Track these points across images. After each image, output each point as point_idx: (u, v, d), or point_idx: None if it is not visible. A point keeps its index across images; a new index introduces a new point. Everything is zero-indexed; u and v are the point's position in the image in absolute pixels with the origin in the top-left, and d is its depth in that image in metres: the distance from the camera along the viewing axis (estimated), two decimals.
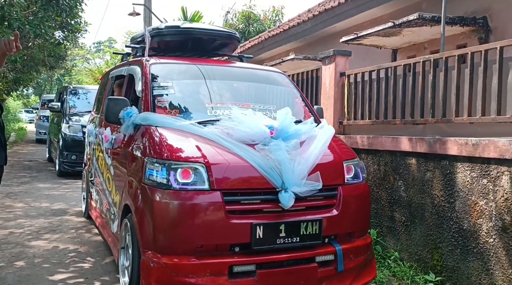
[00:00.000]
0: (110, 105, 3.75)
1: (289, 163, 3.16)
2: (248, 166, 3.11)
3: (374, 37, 6.60)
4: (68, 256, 4.44)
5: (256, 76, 4.46)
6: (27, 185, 8.47)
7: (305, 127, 3.57)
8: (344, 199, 3.38)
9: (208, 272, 2.93)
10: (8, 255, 4.39)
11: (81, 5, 11.23)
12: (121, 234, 3.61)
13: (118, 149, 4.05)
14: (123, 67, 4.81)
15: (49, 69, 16.71)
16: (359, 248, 3.48)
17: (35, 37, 10.46)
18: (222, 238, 2.99)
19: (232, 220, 2.99)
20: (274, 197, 3.10)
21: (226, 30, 5.04)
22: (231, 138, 3.25)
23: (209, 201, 2.97)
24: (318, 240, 3.23)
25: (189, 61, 4.44)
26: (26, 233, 5.21)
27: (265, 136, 3.30)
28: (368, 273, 3.55)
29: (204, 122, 3.48)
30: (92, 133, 5.56)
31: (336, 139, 3.86)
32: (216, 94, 3.90)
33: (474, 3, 5.93)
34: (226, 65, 4.60)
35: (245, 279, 3.01)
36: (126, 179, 3.60)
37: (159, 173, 3.05)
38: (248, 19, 18.46)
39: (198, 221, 2.94)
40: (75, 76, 36.42)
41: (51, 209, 6.55)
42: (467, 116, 4.10)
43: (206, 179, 3.01)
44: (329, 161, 3.49)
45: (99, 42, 49.97)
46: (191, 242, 2.94)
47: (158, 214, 2.98)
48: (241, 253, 3.04)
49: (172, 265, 2.92)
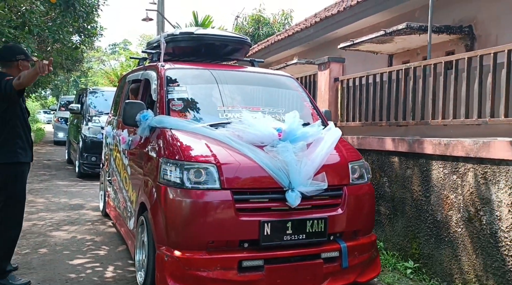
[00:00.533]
0: (127, 109, 3.96)
1: (296, 164, 3.32)
2: (256, 166, 3.28)
3: (369, 43, 7.01)
4: (85, 244, 4.88)
5: (266, 80, 4.63)
6: (47, 182, 8.97)
7: (312, 130, 3.74)
8: (349, 199, 3.53)
9: (218, 266, 3.12)
10: (32, 243, 4.82)
11: (97, 11, 11.78)
12: (137, 230, 3.81)
13: (134, 150, 4.26)
14: (140, 71, 5.02)
15: (67, 72, 17.44)
16: (364, 246, 3.62)
17: (54, 42, 10.93)
18: (232, 234, 3.17)
19: (241, 217, 3.17)
20: (281, 196, 3.28)
21: (238, 35, 5.22)
22: (241, 140, 3.43)
23: (219, 200, 3.16)
24: (324, 238, 3.39)
25: (202, 66, 4.63)
26: (48, 224, 5.68)
27: (273, 138, 3.47)
28: (372, 269, 3.70)
29: (216, 124, 3.67)
30: (109, 134, 5.78)
31: (342, 141, 4.01)
32: (228, 97, 4.08)
33: (461, 13, 6.31)
34: (237, 69, 4.78)
35: (254, 273, 3.18)
36: (142, 178, 3.81)
37: (173, 173, 3.24)
38: (258, 23, 18.78)
39: (209, 218, 3.13)
40: (91, 78, 37.10)
41: (70, 204, 6.99)
42: (441, 119, 4.57)
43: (217, 178, 3.19)
44: (334, 162, 3.64)
45: (114, 44, 51.17)
46: (202, 237, 3.13)
47: (171, 211, 3.18)
48: (250, 249, 3.22)
49: (185, 259, 3.11)
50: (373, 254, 3.75)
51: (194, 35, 4.84)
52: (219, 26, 16.79)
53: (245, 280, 3.15)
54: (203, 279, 3.09)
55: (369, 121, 5.67)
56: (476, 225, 3.74)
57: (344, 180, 3.60)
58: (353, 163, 3.72)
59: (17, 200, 3.73)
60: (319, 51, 9.74)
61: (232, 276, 3.13)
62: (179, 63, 4.59)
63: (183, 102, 3.94)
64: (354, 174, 3.68)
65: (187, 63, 4.70)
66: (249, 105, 4.09)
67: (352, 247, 3.51)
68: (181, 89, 4.03)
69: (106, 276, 3.97)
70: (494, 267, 3.60)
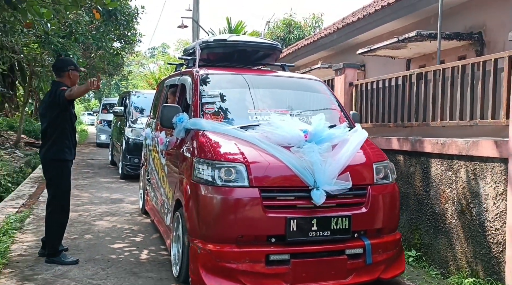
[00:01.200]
0: (164, 112, 4.26)
1: (321, 164, 3.50)
2: (283, 166, 3.49)
3: (385, 49, 7.46)
4: (124, 232, 5.50)
5: (295, 84, 4.82)
6: (90, 179, 9.67)
7: (338, 131, 3.90)
8: (373, 198, 3.67)
9: (247, 259, 3.34)
10: (79, 230, 5.48)
11: (136, 19, 12.60)
12: (173, 226, 4.09)
13: (171, 150, 4.55)
14: (176, 76, 5.32)
15: (108, 76, 18.67)
16: (388, 244, 3.75)
17: (97, 49, 11.95)
18: (259, 229, 3.39)
19: (268, 214, 3.38)
20: (307, 195, 3.46)
21: (268, 41, 5.43)
22: (269, 141, 3.64)
23: (248, 197, 3.38)
24: (348, 235, 3.55)
25: (234, 71, 4.87)
26: (92, 215, 6.32)
27: (300, 140, 3.66)
28: (396, 267, 3.81)
29: (246, 126, 3.90)
30: (148, 136, 6.13)
31: (368, 142, 4.15)
32: (258, 101, 4.30)
33: (472, 20, 6.64)
34: (268, 74, 5.00)
35: (280, 267, 3.38)
36: (178, 177, 4.09)
37: (205, 171, 3.49)
38: (289, 27, 19.30)
39: (238, 214, 3.35)
40: (132, 81, 38.45)
41: (111, 198, 7.61)
42: (440, 121, 4.99)
43: (246, 177, 3.42)
44: (359, 163, 3.79)
45: (154, 48, 53.07)
46: (232, 232, 3.36)
47: (204, 207, 3.43)
48: (277, 244, 3.42)
49: (216, 252, 3.35)
50: (398, 252, 3.86)
51: (227, 41, 5.08)
52: (252, 31, 17.15)
53: (272, 272, 3.36)
54: (233, 271, 3.32)
55: (379, 123, 6.13)
56: (467, 217, 4.18)
57: (368, 180, 3.73)
58: (378, 164, 3.85)
59: (63, 191, 4.36)
60: (343, 55, 10.13)
61: (260, 268, 3.34)
62: (213, 68, 4.85)
63: (215, 105, 4.19)
64: (379, 174, 3.81)
65: (220, 69, 4.96)
66: (278, 108, 4.29)
67: (376, 244, 3.64)
68: (214, 93, 4.28)
69: (141, 258, 4.53)
70: (481, 253, 4.02)
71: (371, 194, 3.68)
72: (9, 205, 6.53)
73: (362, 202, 3.66)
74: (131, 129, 9.64)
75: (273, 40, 5.64)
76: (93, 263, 4.28)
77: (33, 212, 6.23)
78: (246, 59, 5.40)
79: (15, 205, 6.59)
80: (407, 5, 7.38)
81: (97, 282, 3.83)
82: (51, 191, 4.34)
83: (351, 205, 3.65)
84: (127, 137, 9.62)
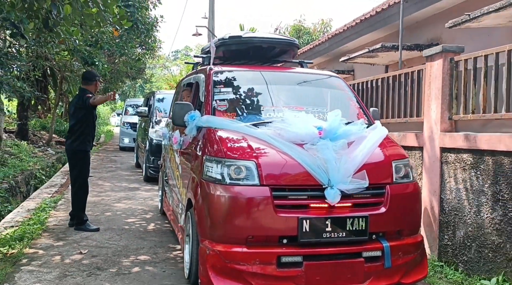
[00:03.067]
0: (176, 110, 4.18)
1: (336, 161, 3.33)
2: (296, 164, 3.33)
3: (362, 58, 8.56)
4: (137, 211, 6.79)
5: (312, 80, 4.66)
6: (112, 172, 11.02)
7: (354, 128, 3.72)
8: (392, 198, 3.46)
9: (258, 261, 3.19)
10: (101, 209, 6.77)
11: (156, 27, 13.85)
12: (186, 226, 3.99)
13: (185, 149, 4.46)
14: (192, 75, 5.25)
15: (132, 80, 20.45)
16: (409, 246, 3.53)
17: (120, 55, 12.92)
18: (270, 230, 3.23)
19: (280, 213, 3.22)
20: (320, 194, 3.29)
21: (284, 37, 5.29)
22: (281, 138, 3.49)
23: (258, 195, 3.24)
24: (365, 236, 3.35)
25: (248, 67, 4.75)
26: (112, 199, 7.62)
27: (313, 136, 3.50)
28: (418, 271, 3.59)
29: (258, 123, 3.76)
30: (166, 136, 6.09)
31: (388, 139, 3.95)
32: (272, 98, 4.17)
33: (431, 33, 7.83)
34: (283, 70, 4.85)
35: (293, 269, 3.22)
36: (190, 176, 3.99)
37: (215, 169, 3.38)
38: (299, 32, 20.24)
39: (248, 213, 3.22)
40: (155, 83, 39.45)
41: (128, 187, 8.99)
42: (385, 119, 5.89)
43: (257, 175, 3.28)
44: (377, 161, 3.59)
45: (177, 51, 55.04)
46: (242, 232, 3.23)
47: (213, 206, 3.31)
48: (289, 245, 3.25)
49: (225, 253, 3.22)
50: (419, 256, 3.63)
51: (243, 38, 4.97)
52: None
53: (284, 275, 3.20)
54: (243, 273, 3.18)
55: None
56: None
57: (386, 179, 3.53)
58: (397, 162, 3.64)
59: (84, 175, 5.59)
60: (337, 62, 10.87)
61: (271, 271, 3.19)
62: (227, 66, 4.75)
63: (228, 102, 4.08)
64: (398, 173, 3.61)
65: (235, 66, 4.85)
66: (293, 104, 4.15)
67: (396, 247, 3.43)
68: (227, 90, 4.18)
69: (148, 228, 5.82)
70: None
71: (390, 193, 3.47)
72: (44, 192, 8.08)
73: (380, 202, 3.46)
74: (155, 130, 9.43)
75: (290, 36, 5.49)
76: (110, 231, 5.55)
77: (64, 196, 7.53)
78: (262, 56, 5.28)
79: (49, 191, 8.08)
80: (379, 20, 8.65)
81: (112, 242, 5.06)
82: (74, 175, 5.56)
83: (368, 205, 3.46)
84: (150, 138, 9.42)
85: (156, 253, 4.72)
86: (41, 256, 4.48)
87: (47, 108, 20.32)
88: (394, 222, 3.49)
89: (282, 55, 5.30)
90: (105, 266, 4.26)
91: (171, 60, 48.23)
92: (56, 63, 13.20)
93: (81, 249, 4.70)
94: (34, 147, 13.53)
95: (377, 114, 4.53)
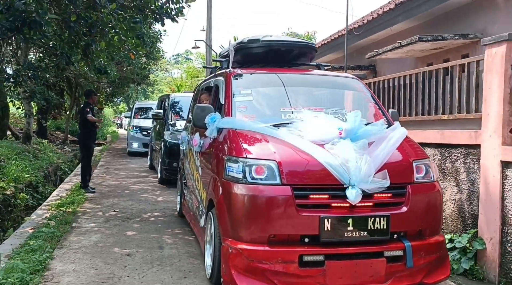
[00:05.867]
0: (197, 112, 4.25)
1: (357, 161, 3.34)
2: (316, 163, 3.36)
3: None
4: (148, 190, 8.99)
5: (330, 82, 4.69)
6: (125, 164, 13.33)
7: (374, 128, 3.73)
8: (413, 197, 3.47)
9: (280, 259, 3.22)
10: (121, 189, 9.05)
11: (159, 39, 16.13)
12: (207, 226, 4.04)
13: (205, 151, 4.52)
14: (211, 79, 5.33)
15: (137, 85, 23.10)
16: (431, 246, 3.52)
17: (128, 65, 15.21)
18: (292, 229, 3.26)
19: (301, 213, 3.25)
20: (342, 193, 3.31)
21: (302, 41, 5.34)
22: (301, 138, 3.52)
23: (280, 195, 3.27)
24: (386, 236, 3.36)
25: (266, 70, 4.80)
26: (128, 183, 9.91)
27: (334, 136, 3.52)
28: (441, 271, 3.57)
29: (278, 124, 3.80)
30: (185, 139, 6.16)
31: (408, 140, 3.95)
32: (291, 99, 4.20)
33: (368, 60, 10.20)
34: (301, 73, 4.89)
35: (315, 268, 3.24)
36: (211, 177, 4.04)
37: (237, 170, 3.42)
38: None
39: (269, 213, 3.25)
40: (157, 86, 40.51)
41: (140, 175, 11.19)
42: None
43: (278, 175, 3.31)
44: (397, 161, 3.60)
45: (178, 54, 57.26)
46: (264, 231, 3.26)
47: (235, 205, 3.35)
48: (311, 244, 3.28)
49: (248, 251, 3.25)
50: (442, 255, 3.62)
51: (261, 41, 5.03)
52: None
53: (306, 274, 3.22)
54: (265, 271, 3.21)
55: None
56: None
57: (407, 179, 3.54)
58: (418, 162, 3.64)
59: (88, 156, 8.46)
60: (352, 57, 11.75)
61: (293, 269, 3.21)
62: (246, 69, 4.80)
63: (247, 104, 4.13)
64: (419, 173, 3.60)
65: (253, 69, 4.91)
66: (312, 106, 4.18)
67: (418, 246, 3.43)
68: (246, 92, 4.23)
69: (158, 200, 8.00)
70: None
71: (411, 193, 3.48)
72: (73, 178, 10.21)
73: (401, 202, 3.46)
74: (170, 132, 9.42)
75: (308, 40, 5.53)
76: (131, 201, 7.69)
77: None
78: (281, 60, 5.31)
79: (77, 178, 9.64)
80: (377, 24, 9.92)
81: (134, 206, 7.24)
82: (81, 157, 8.61)
83: (390, 204, 3.46)
84: (165, 141, 9.38)
85: (165, 211, 6.97)
86: (89, 212, 6.71)
87: (63, 110, 22.05)
88: (415, 221, 3.49)
89: (300, 58, 5.34)
90: (132, 217, 6.47)
91: (172, 64, 50.25)
92: (72, 71, 14.53)
93: (114, 209, 6.96)
94: (53, 145, 15.11)
95: (396, 115, 4.53)
